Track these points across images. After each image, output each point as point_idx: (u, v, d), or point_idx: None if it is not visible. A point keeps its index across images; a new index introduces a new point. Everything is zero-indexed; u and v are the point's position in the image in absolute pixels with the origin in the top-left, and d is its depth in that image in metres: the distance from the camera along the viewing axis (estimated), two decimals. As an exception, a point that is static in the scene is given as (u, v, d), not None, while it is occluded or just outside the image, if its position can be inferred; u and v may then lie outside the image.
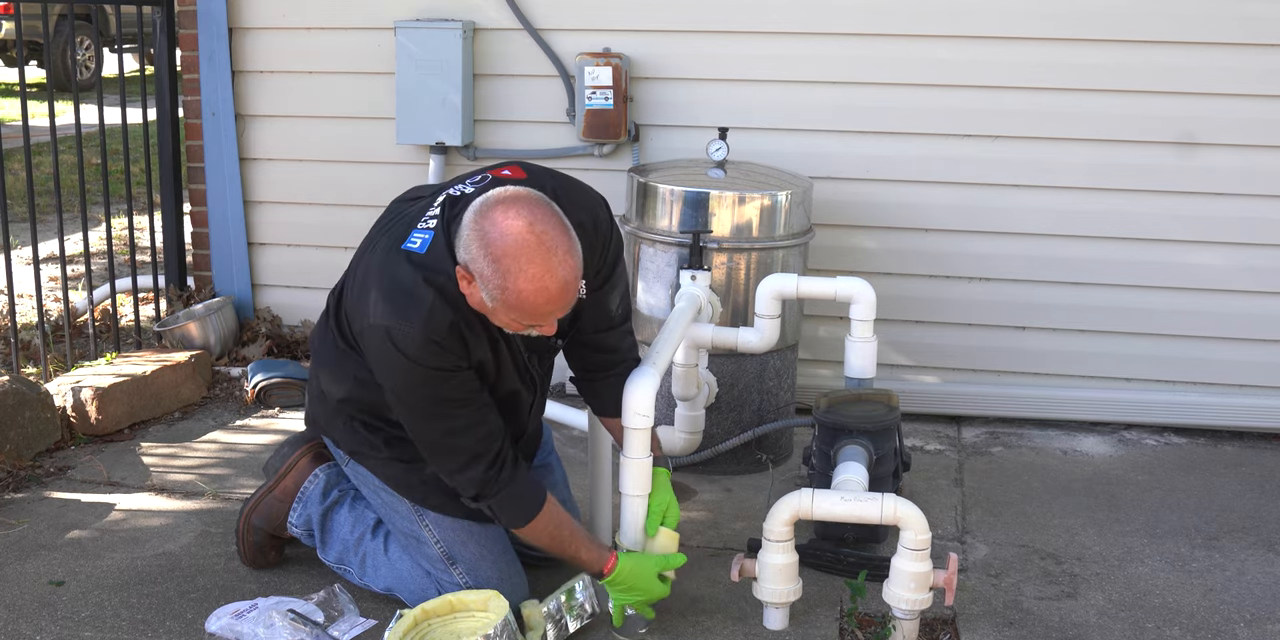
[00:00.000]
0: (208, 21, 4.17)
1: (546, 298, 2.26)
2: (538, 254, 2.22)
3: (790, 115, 3.90)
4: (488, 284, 2.26)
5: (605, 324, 2.70)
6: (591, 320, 2.67)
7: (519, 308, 2.27)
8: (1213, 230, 3.81)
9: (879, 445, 2.99)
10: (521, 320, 2.31)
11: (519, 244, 2.22)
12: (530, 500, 2.52)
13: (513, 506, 2.51)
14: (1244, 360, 3.89)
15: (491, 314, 2.34)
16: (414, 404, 2.42)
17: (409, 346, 2.32)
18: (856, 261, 3.94)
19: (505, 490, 2.49)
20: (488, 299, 2.29)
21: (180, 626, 2.62)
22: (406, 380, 2.38)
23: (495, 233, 2.23)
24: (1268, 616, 2.78)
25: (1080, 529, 3.22)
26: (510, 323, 2.34)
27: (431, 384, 2.37)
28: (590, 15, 3.93)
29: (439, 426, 2.44)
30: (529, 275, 2.22)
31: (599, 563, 2.56)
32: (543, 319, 2.32)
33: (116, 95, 4.19)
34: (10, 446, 3.40)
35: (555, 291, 2.25)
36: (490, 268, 2.24)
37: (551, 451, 2.99)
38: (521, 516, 2.52)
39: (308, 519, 2.81)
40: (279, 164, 4.29)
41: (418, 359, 2.33)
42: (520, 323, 2.33)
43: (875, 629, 2.64)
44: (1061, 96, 3.77)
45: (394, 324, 2.33)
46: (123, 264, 5.54)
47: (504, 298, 2.25)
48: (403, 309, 2.33)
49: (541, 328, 2.36)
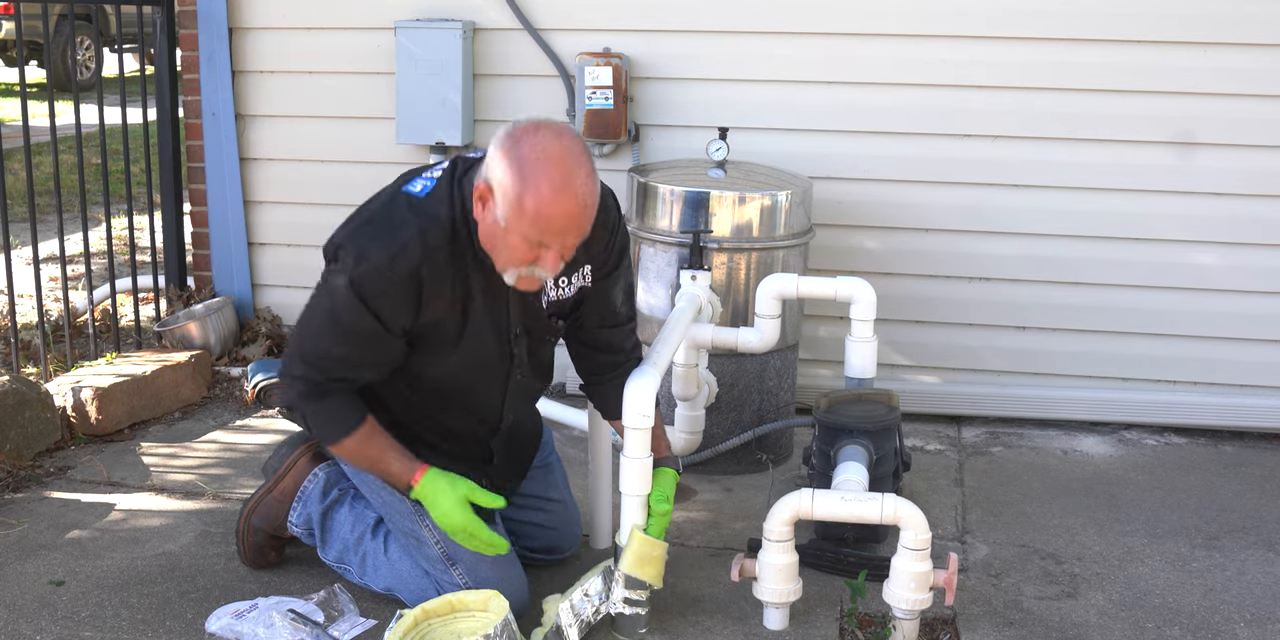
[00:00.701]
0: (208, 21, 4.17)
1: (563, 209, 2.27)
2: (563, 163, 2.27)
3: (790, 115, 3.90)
4: (507, 193, 2.27)
5: (611, 319, 2.71)
6: (596, 312, 2.68)
7: (535, 217, 2.26)
8: (1213, 230, 3.81)
9: (879, 445, 2.99)
10: (532, 234, 2.29)
11: (545, 152, 2.26)
12: (347, 417, 2.51)
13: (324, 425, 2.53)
14: (1244, 360, 3.89)
15: (503, 237, 2.32)
16: (314, 311, 2.47)
17: (365, 271, 2.36)
18: (856, 261, 3.94)
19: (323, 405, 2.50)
20: (502, 215, 2.30)
21: (180, 626, 2.62)
22: (333, 294, 2.41)
23: (525, 144, 2.27)
24: (1268, 616, 2.78)
25: (1080, 529, 3.22)
26: (519, 245, 2.32)
27: (349, 308, 2.39)
28: (590, 15, 3.93)
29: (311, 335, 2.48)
30: (551, 180, 2.25)
31: (408, 474, 2.53)
32: (555, 236, 2.30)
33: (116, 95, 4.19)
34: (10, 446, 3.40)
35: (573, 206, 2.27)
36: (513, 173, 2.26)
37: (552, 451, 2.99)
38: (335, 432, 2.52)
39: (308, 518, 2.81)
40: (279, 164, 4.29)
41: (363, 284, 2.36)
42: (530, 241, 2.30)
43: (875, 629, 2.64)
44: (1061, 96, 3.77)
45: (364, 246, 2.37)
46: (123, 264, 5.54)
47: (521, 204, 2.26)
48: (377, 237, 2.38)
49: (548, 255, 2.33)
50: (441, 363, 2.53)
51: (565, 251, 2.36)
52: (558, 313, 2.64)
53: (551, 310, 2.63)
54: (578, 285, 2.63)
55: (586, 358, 2.78)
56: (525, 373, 2.68)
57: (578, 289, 2.63)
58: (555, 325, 2.66)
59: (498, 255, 2.38)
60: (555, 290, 2.60)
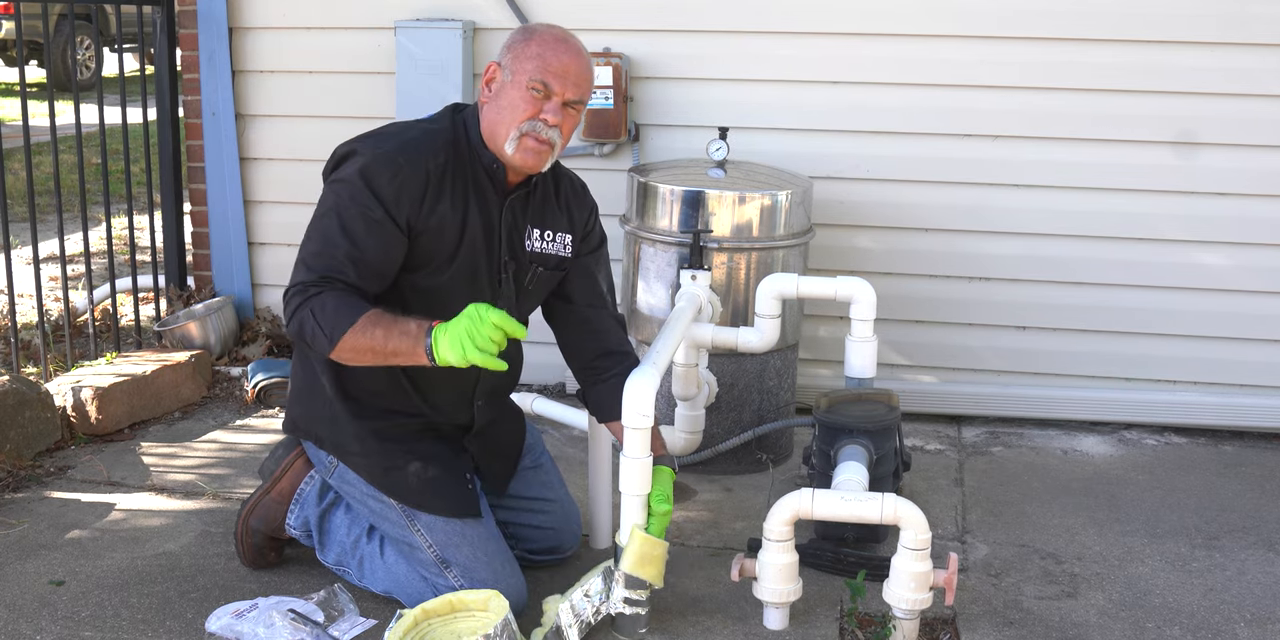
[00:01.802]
0: (208, 21, 4.17)
1: (565, 53, 2.52)
2: (566, 31, 2.59)
3: (790, 115, 3.90)
4: (513, 49, 2.53)
5: (598, 301, 2.82)
6: (582, 290, 2.80)
7: (538, 56, 2.49)
8: (1213, 230, 3.81)
9: (879, 445, 2.99)
10: (535, 74, 2.49)
11: (551, 25, 2.60)
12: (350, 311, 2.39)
13: (331, 317, 2.39)
14: (1244, 360, 3.89)
15: (507, 96, 2.51)
16: (322, 213, 2.49)
17: (375, 160, 2.47)
18: (856, 261, 3.94)
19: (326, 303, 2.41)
20: (508, 69, 2.52)
21: (180, 626, 2.62)
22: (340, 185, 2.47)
23: (535, 24, 2.60)
24: (1268, 616, 2.78)
25: (1080, 529, 3.22)
26: (522, 99, 2.49)
27: (353, 197, 2.45)
28: (590, 15, 3.93)
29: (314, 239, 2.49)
30: (555, 33, 2.55)
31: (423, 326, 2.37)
32: (556, 78, 2.50)
33: (116, 95, 4.19)
34: (10, 446, 3.40)
35: (574, 55, 2.53)
36: (521, 34, 2.56)
37: (543, 452, 2.99)
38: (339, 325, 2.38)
39: (305, 521, 2.81)
40: (279, 164, 4.29)
41: (371, 173, 2.45)
42: (532, 86, 2.49)
43: (875, 629, 2.64)
44: (1061, 96, 3.77)
45: (376, 143, 2.52)
46: (123, 264, 5.54)
47: (526, 50, 2.51)
48: (388, 138, 2.54)
49: (550, 105, 2.50)
50: (434, 278, 2.56)
51: (567, 106, 2.53)
52: (542, 265, 2.72)
53: (534, 260, 2.71)
54: (562, 246, 2.74)
55: (578, 347, 2.82)
56: (510, 308, 2.65)
57: (558, 257, 2.74)
58: (538, 272, 2.72)
59: (502, 122, 2.53)
60: (540, 242, 2.71)
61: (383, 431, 2.67)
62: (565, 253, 2.75)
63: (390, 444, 2.66)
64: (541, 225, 2.71)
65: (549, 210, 2.73)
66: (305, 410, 2.74)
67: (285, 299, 2.47)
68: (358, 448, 2.66)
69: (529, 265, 2.70)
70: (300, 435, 2.79)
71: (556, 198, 2.76)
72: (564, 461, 3.41)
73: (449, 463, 2.69)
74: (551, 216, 2.73)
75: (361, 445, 2.66)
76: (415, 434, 2.69)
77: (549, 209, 2.73)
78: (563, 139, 2.57)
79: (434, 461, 2.67)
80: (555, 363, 2.91)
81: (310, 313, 2.40)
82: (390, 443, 2.66)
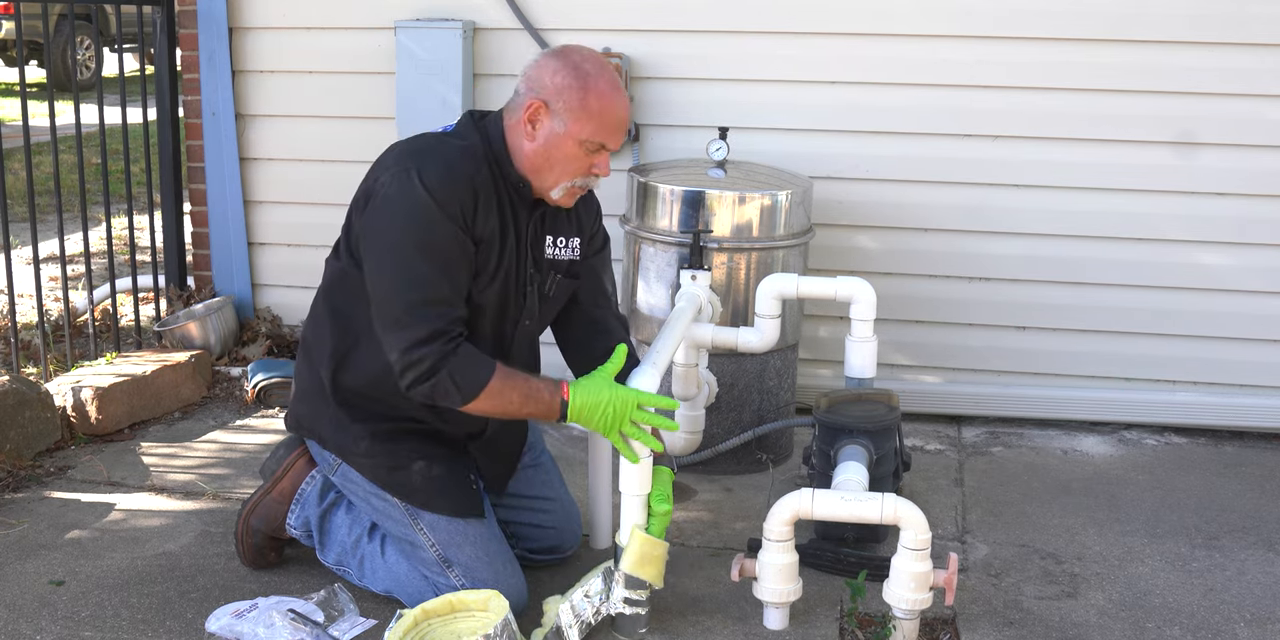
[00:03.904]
0: (208, 21, 4.17)
1: (622, 105, 2.49)
2: (609, 67, 2.52)
3: (790, 115, 3.90)
4: (568, 98, 2.46)
5: (603, 301, 2.83)
6: (588, 291, 2.80)
7: (600, 114, 2.46)
8: (1215, 230, 3.81)
9: (879, 445, 2.99)
10: (597, 133, 2.47)
11: (594, 58, 2.50)
12: (483, 369, 2.44)
13: (467, 375, 2.42)
14: (1244, 360, 3.89)
15: (560, 146, 2.49)
16: (404, 250, 2.42)
17: (432, 178, 2.43)
18: (856, 261, 3.94)
19: (459, 357, 2.43)
20: (563, 121, 2.47)
21: (180, 626, 2.62)
22: (410, 212, 2.42)
23: (574, 54, 2.50)
24: (1268, 616, 2.78)
25: (1080, 529, 3.22)
26: (577, 152, 2.49)
27: (433, 228, 2.42)
28: (590, 15, 3.93)
29: (413, 285, 2.42)
30: (610, 80, 2.48)
31: (556, 394, 2.48)
32: (614, 134, 2.50)
33: (116, 95, 4.20)
34: (10, 446, 3.40)
35: (626, 103, 2.51)
36: (574, 79, 2.46)
37: (543, 451, 2.99)
38: (476, 383, 2.42)
39: (306, 521, 2.81)
40: (279, 164, 4.29)
41: (436, 191, 2.42)
42: (590, 143, 2.48)
43: (875, 629, 2.64)
44: (1062, 96, 3.77)
45: (418, 163, 2.45)
46: (123, 264, 5.54)
47: (585, 105, 2.46)
48: (427, 154, 2.49)
49: (602, 159, 2.52)
50: (481, 293, 2.56)
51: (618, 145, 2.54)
52: (559, 272, 2.74)
53: (553, 267, 2.72)
54: (571, 250, 2.74)
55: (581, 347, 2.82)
56: (532, 322, 2.71)
57: (569, 261, 2.74)
58: (556, 279, 2.73)
59: (552, 170, 2.52)
60: (554, 249, 2.71)
61: (387, 434, 2.66)
62: (575, 256, 2.76)
63: (394, 444, 2.66)
64: (555, 233, 2.72)
65: (561, 217, 2.73)
66: (309, 409, 2.74)
67: (407, 356, 2.40)
68: (362, 448, 2.66)
69: (549, 273, 2.71)
70: (304, 433, 2.79)
71: None
72: (564, 461, 3.41)
73: (453, 462, 2.69)
74: (563, 223, 2.74)
75: (365, 446, 2.66)
76: (421, 436, 2.69)
77: (561, 216, 2.73)
78: None
79: (438, 461, 2.67)
80: (555, 363, 2.91)
81: (448, 375, 2.41)
82: (394, 443, 2.66)
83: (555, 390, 2.50)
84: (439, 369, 2.42)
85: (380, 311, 2.47)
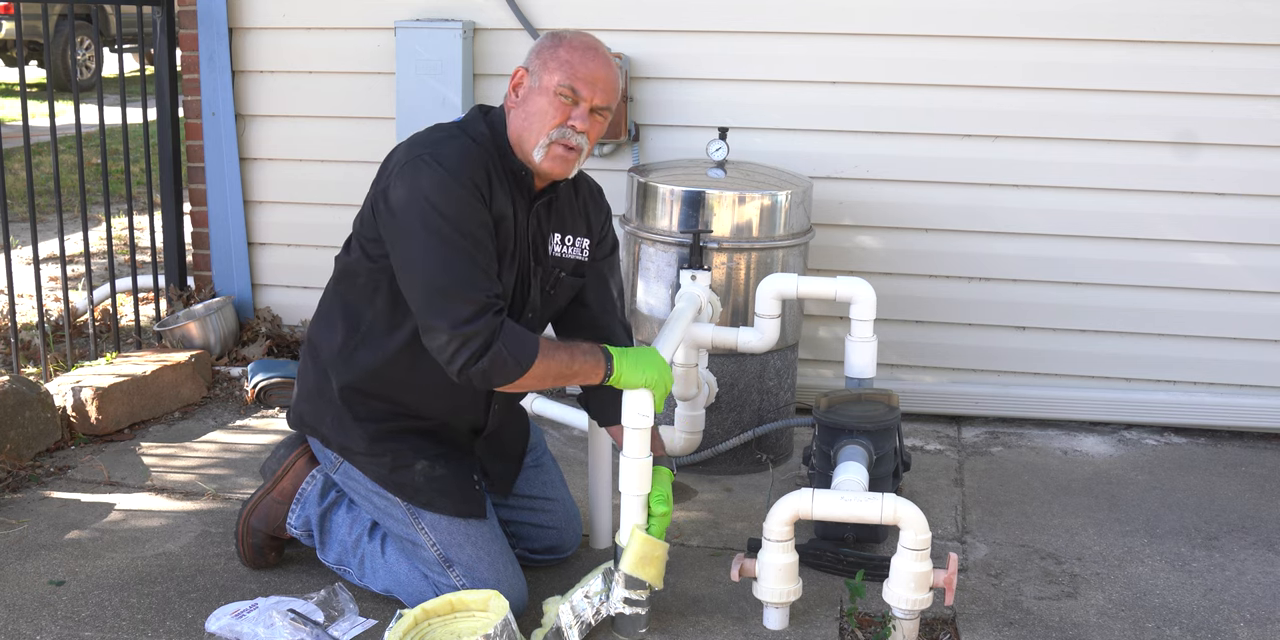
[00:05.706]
0: (208, 21, 4.17)
1: (593, 61, 2.51)
2: (593, 38, 2.58)
3: (790, 115, 3.90)
4: (541, 55, 2.53)
5: (610, 305, 2.81)
6: (596, 295, 2.79)
7: (566, 62, 2.49)
8: (1213, 230, 3.81)
9: (879, 445, 2.99)
10: (563, 80, 2.49)
11: (579, 32, 2.59)
12: (528, 335, 2.47)
13: (517, 344, 2.43)
14: (1244, 360, 3.89)
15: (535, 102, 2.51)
16: (435, 228, 2.41)
17: (449, 160, 2.47)
18: (856, 261, 3.94)
19: (508, 332, 2.44)
20: (535, 75, 2.52)
21: (180, 626, 2.62)
22: (437, 194, 2.43)
23: (562, 31, 2.59)
24: (1268, 616, 2.78)
25: (1080, 529, 3.22)
26: (551, 105, 2.50)
27: (459, 204, 2.44)
28: (590, 15, 3.93)
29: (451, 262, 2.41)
30: (583, 39, 2.55)
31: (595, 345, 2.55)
32: (585, 84, 2.50)
33: (116, 95, 4.20)
34: (10, 446, 3.40)
35: (602, 62, 2.52)
36: (549, 40, 2.55)
37: (545, 452, 2.99)
38: (529, 350, 2.44)
39: (306, 520, 2.81)
40: (279, 164, 4.29)
41: (455, 171, 2.45)
42: (560, 94, 2.49)
43: (875, 629, 2.64)
44: (1061, 96, 3.77)
45: (432, 149, 2.49)
46: (123, 264, 5.54)
47: (556, 53, 2.51)
48: (440, 141, 2.53)
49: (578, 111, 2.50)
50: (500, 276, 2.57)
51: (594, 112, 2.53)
52: (564, 270, 2.73)
53: (556, 264, 2.71)
54: (580, 250, 2.74)
55: None
56: (535, 315, 2.71)
57: (575, 261, 2.73)
58: (560, 277, 2.72)
59: (530, 128, 2.53)
60: (561, 246, 2.71)
61: (390, 433, 2.67)
62: (582, 257, 2.75)
63: (397, 443, 2.66)
64: (562, 230, 2.71)
65: (569, 215, 2.73)
66: (312, 408, 2.74)
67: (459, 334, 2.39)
68: (364, 447, 2.67)
69: (552, 270, 2.71)
70: (306, 431, 2.79)
71: (575, 202, 2.76)
72: (564, 461, 3.41)
73: (456, 462, 2.69)
74: (572, 221, 2.73)
75: (367, 445, 2.66)
76: (423, 435, 2.69)
77: (569, 214, 2.73)
78: (589, 145, 2.58)
79: (441, 460, 2.67)
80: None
81: (503, 346, 2.41)
82: (397, 442, 2.66)
83: (592, 344, 2.55)
84: (493, 342, 2.41)
85: (420, 294, 2.45)
